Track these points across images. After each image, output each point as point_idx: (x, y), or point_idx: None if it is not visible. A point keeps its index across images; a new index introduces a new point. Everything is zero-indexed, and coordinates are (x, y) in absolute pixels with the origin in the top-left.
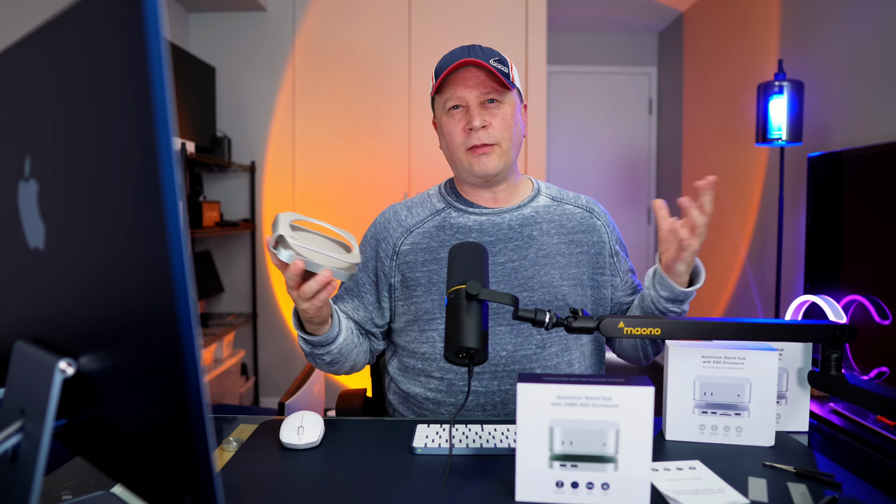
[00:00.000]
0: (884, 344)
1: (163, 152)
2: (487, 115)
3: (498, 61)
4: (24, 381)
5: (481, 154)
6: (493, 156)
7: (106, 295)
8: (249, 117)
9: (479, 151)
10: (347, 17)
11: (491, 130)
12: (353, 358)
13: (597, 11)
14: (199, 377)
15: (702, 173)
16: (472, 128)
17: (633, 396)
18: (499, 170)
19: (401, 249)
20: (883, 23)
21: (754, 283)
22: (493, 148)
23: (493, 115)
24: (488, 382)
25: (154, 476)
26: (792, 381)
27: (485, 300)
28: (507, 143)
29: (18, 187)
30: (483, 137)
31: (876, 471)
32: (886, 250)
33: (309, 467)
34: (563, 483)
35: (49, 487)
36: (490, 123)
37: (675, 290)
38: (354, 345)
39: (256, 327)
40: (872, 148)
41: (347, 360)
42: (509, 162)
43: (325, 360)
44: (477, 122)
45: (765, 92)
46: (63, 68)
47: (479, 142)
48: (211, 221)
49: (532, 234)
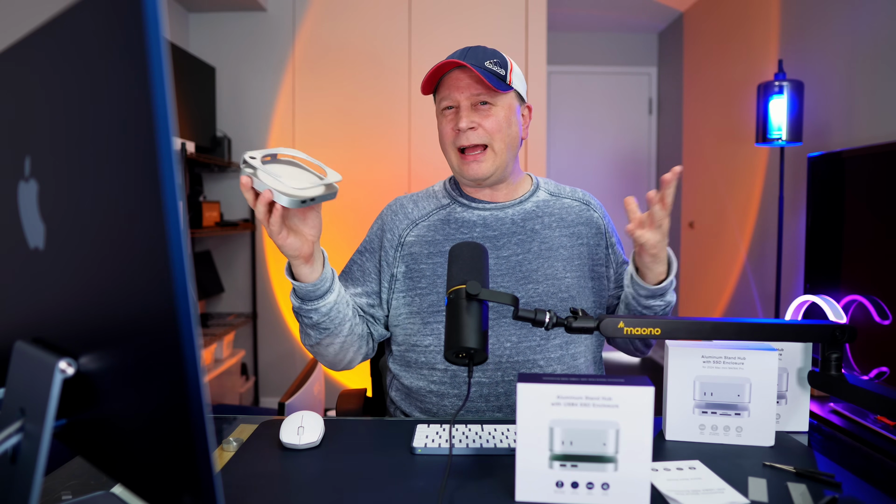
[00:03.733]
0: (884, 344)
1: (163, 152)
2: (478, 116)
3: (496, 63)
4: (24, 381)
5: (471, 160)
6: (485, 161)
7: (106, 295)
8: (249, 117)
9: (469, 157)
10: (347, 17)
11: (480, 131)
12: (345, 333)
13: (597, 11)
14: (199, 377)
15: (702, 173)
16: (459, 129)
17: (633, 396)
18: (490, 173)
19: (406, 240)
20: (883, 23)
21: (754, 283)
22: (486, 152)
23: (485, 117)
24: (492, 374)
25: (154, 476)
26: (792, 381)
27: (485, 300)
28: (500, 144)
29: (18, 187)
30: (472, 138)
31: (876, 471)
32: (886, 250)
33: (309, 467)
34: (563, 483)
35: (49, 487)
36: (480, 125)
37: (649, 288)
38: (347, 317)
39: (256, 327)
40: (872, 148)
41: (338, 332)
42: (502, 164)
43: (311, 320)
44: (463, 124)
45: (765, 92)
46: (63, 68)
47: (467, 142)
48: (211, 221)
49: (535, 227)
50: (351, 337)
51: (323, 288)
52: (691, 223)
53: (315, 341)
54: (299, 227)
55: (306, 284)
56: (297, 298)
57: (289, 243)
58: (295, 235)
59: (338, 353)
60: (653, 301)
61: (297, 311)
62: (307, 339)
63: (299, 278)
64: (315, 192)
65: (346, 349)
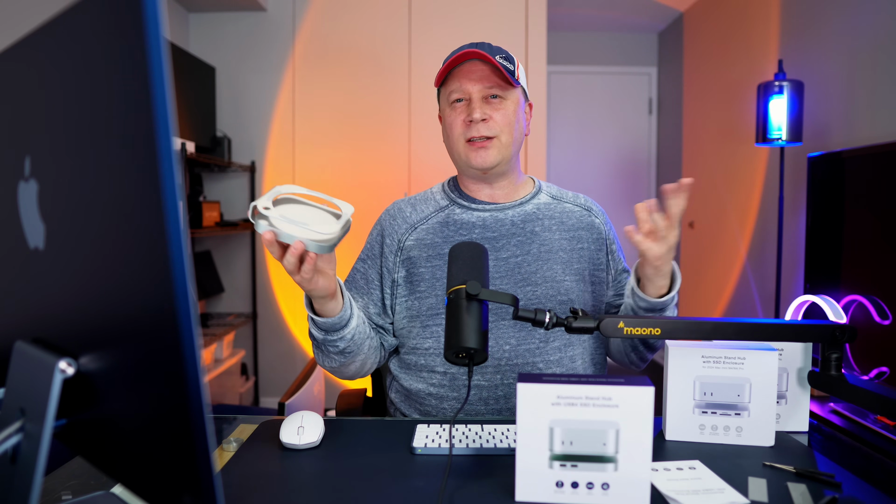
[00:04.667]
0: (884, 344)
1: (163, 152)
2: (489, 108)
3: (505, 59)
4: (24, 381)
5: (479, 147)
6: (491, 149)
7: (106, 295)
8: (249, 117)
9: (477, 145)
10: (347, 16)
11: (491, 123)
12: (365, 351)
13: (597, 11)
14: (199, 377)
15: (702, 173)
16: (472, 120)
17: (633, 396)
18: (496, 163)
19: (405, 245)
20: (883, 23)
21: (754, 283)
22: (493, 141)
23: (496, 110)
24: (491, 377)
25: (154, 476)
26: (792, 381)
27: (485, 300)
28: (507, 137)
29: (18, 187)
30: (482, 130)
31: (876, 471)
32: (886, 250)
33: (309, 467)
34: (563, 483)
35: (49, 487)
36: (491, 117)
37: (650, 301)
38: (366, 335)
39: (256, 327)
40: (872, 148)
41: (360, 351)
42: (507, 157)
43: (338, 348)
44: (477, 115)
45: (765, 92)
46: (63, 68)
47: (477, 134)
48: (211, 221)
49: (534, 229)
50: (370, 352)
51: (346, 317)
52: (691, 223)
53: (338, 364)
54: (323, 266)
55: (331, 319)
56: (319, 331)
57: (320, 286)
58: (322, 276)
59: (357, 370)
60: (651, 315)
61: (322, 342)
62: (329, 362)
63: (323, 314)
64: (341, 231)
65: (364, 364)
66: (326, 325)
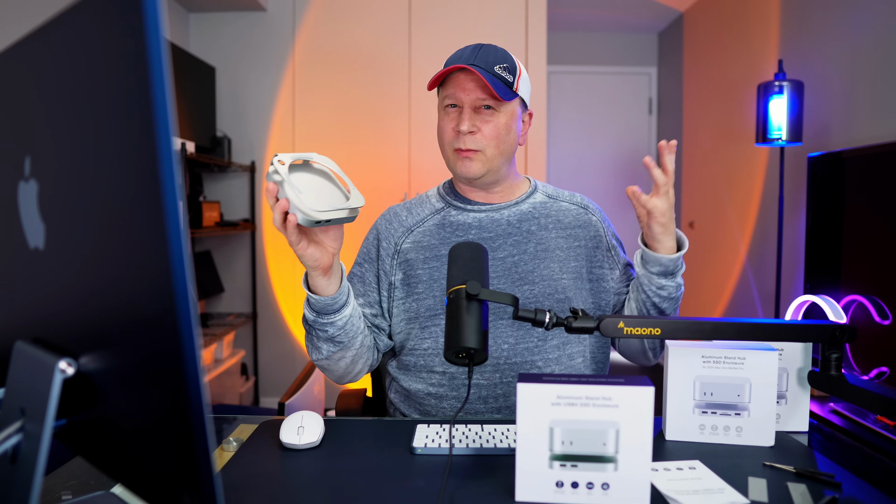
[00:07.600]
0: (884, 344)
1: (163, 152)
2: (479, 120)
3: (505, 68)
4: (24, 381)
5: (465, 157)
6: (476, 161)
7: (106, 295)
8: (249, 117)
9: (463, 154)
10: (347, 17)
11: (478, 137)
12: (356, 346)
13: (597, 11)
14: (199, 377)
15: (702, 173)
16: (459, 130)
17: (632, 396)
18: (481, 174)
19: (402, 247)
20: (883, 23)
21: (754, 283)
22: (478, 154)
23: (485, 122)
24: (490, 375)
25: (154, 476)
26: (792, 381)
27: (485, 300)
28: (492, 150)
29: (18, 187)
30: (468, 142)
31: (876, 471)
32: (886, 250)
33: (309, 467)
34: (563, 483)
35: (49, 487)
36: (479, 129)
37: (661, 261)
38: (359, 330)
39: (256, 327)
40: (872, 148)
41: (350, 345)
42: (494, 168)
43: (327, 333)
44: (464, 127)
45: (765, 92)
46: (63, 68)
47: (463, 146)
48: (211, 221)
49: (530, 229)
50: (361, 349)
51: (340, 301)
52: (691, 223)
53: (327, 355)
54: (321, 238)
55: (324, 298)
56: (311, 311)
57: (308, 253)
58: (315, 246)
59: (348, 367)
60: (665, 281)
61: (312, 324)
62: (317, 353)
63: (316, 291)
64: (332, 214)
65: (356, 362)
66: (319, 304)
